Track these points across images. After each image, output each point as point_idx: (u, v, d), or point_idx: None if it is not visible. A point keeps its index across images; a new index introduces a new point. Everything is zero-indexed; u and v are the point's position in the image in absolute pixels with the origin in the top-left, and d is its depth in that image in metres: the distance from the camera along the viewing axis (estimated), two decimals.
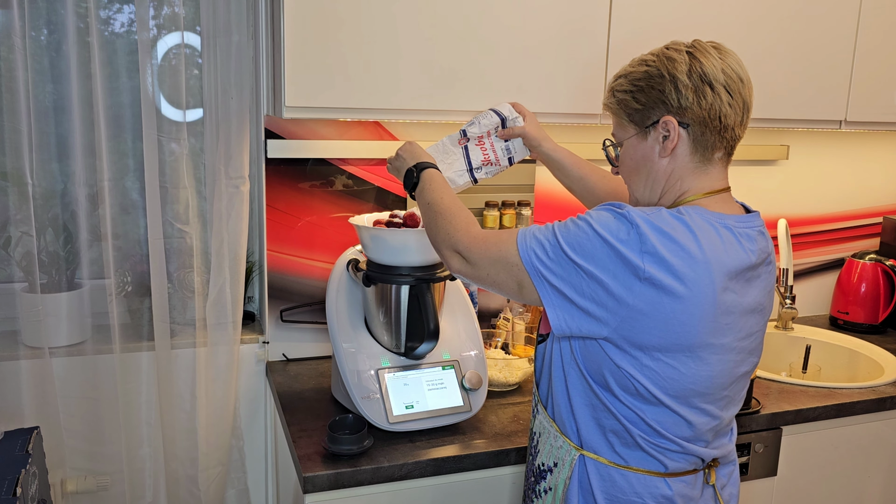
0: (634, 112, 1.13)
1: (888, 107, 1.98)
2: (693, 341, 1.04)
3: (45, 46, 1.68)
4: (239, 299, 1.78)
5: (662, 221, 1.03)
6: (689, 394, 1.08)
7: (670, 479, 1.13)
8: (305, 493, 1.34)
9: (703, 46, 1.10)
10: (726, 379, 1.11)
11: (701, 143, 1.10)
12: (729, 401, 1.15)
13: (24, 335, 1.67)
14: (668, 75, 1.08)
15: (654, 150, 1.12)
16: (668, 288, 1.01)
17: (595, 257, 1.03)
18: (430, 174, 1.32)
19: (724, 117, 1.08)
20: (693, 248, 1.02)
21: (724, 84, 1.07)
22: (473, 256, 1.15)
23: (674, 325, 1.02)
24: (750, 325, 1.11)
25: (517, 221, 1.97)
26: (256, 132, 1.80)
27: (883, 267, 2.25)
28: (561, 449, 1.18)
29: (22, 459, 1.29)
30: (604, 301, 1.03)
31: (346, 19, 1.47)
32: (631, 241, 1.01)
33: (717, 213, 1.09)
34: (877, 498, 1.88)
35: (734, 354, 1.10)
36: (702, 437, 1.14)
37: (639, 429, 1.10)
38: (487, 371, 1.61)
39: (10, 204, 1.60)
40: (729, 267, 1.05)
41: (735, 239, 1.07)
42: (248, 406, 1.88)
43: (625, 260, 1.01)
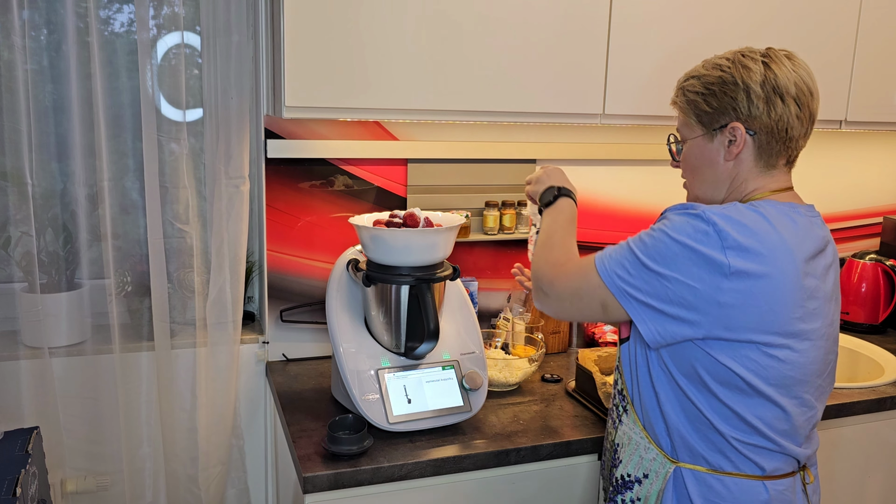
0: (703, 114, 1.16)
1: (888, 107, 1.98)
2: (786, 327, 1.06)
3: (45, 46, 1.68)
4: (239, 299, 1.78)
5: (739, 214, 1.06)
6: (789, 382, 1.09)
7: (768, 482, 1.13)
8: (305, 493, 1.34)
9: (778, 56, 1.14)
10: (820, 366, 1.13)
11: (766, 150, 1.14)
12: (822, 391, 1.17)
13: (23, 335, 1.67)
14: (741, 83, 1.12)
15: (718, 153, 1.16)
16: (755, 276, 1.03)
17: (677, 263, 1.05)
18: (564, 202, 1.33)
19: (790, 129, 1.12)
20: (772, 235, 1.05)
21: (795, 97, 1.11)
22: (557, 290, 1.17)
23: (766, 313, 1.04)
24: (831, 312, 1.15)
25: (517, 221, 1.97)
26: (256, 132, 1.80)
27: (883, 267, 2.25)
28: (654, 461, 1.18)
29: (22, 459, 1.29)
30: (694, 304, 1.05)
31: (346, 19, 1.46)
32: (710, 240, 1.03)
33: (788, 202, 1.14)
34: (877, 498, 1.87)
35: (824, 341, 1.12)
36: (798, 433, 1.14)
37: (735, 428, 1.10)
38: (487, 371, 1.61)
39: (10, 204, 1.60)
40: (807, 251, 1.09)
41: (809, 224, 1.12)
42: (248, 406, 1.88)
43: (708, 260, 1.03)
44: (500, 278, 2.04)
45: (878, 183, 2.45)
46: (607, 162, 2.08)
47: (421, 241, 1.49)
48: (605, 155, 2.06)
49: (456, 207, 1.94)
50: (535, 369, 1.75)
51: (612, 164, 2.08)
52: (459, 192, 1.95)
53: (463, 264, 1.97)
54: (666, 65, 1.71)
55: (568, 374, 1.84)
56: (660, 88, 1.71)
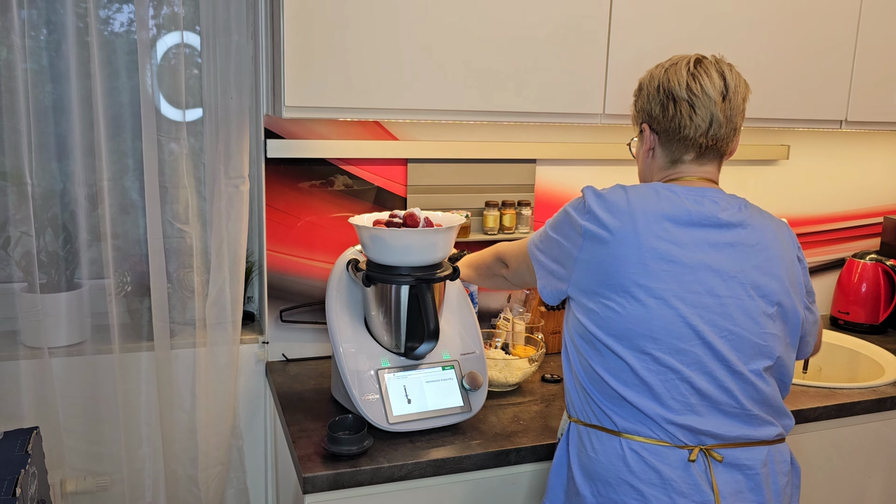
0: (633, 117, 1.35)
1: (888, 107, 1.98)
2: (620, 280, 1.17)
3: (45, 46, 1.68)
4: (239, 299, 1.77)
5: (607, 192, 1.23)
6: (630, 335, 1.16)
7: (624, 440, 1.18)
8: (305, 494, 1.33)
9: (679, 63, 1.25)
10: (680, 329, 1.14)
11: (668, 147, 1.28)
12: (695, 359, 1.14)
13: (23, 335, 1.67)
14: (645, 88, 1.29)
15: (641, 149, 1.33)
16: (598, 236, 1.19)
17: (560, 227, 1.26)
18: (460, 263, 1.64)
19: (683, 128, 1.24)
20: (622, 203, 1.20)
21: (687, 100, 1.22)
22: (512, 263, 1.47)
23: (606, 267, 1.18)
24: (710, 284, 1.16)
25: (517, 221, 1.97)
26: (256, 132, 1.79)
27: (883, 267, 2.25)
28: (564, 421, 1.34)
29: (21, 460, 1.29)
30: (564, 260, 1.24)
31: (345, 19, 1.46)
32: (579, 209, 1.24)
33: (669, 184, 1.24)
34: (877, 498, 1.87)
35: (686, 307, 1.15)
36: (659, 398, 1.15)
37: (592, 381, 1.22)
38: (487, 371, 1.61)
39: (10, 204, 1.60)
40: (662, 219, 1.18)
41: (674, 196, 1.20)
42: (247, 406, 1.88)
43: (574, 223, 1.23)
44: None
45: (878, 183, 2.45)
46: (607, 162, 2.08)
47: (421, 241, 1.48)
48: (605, 155, 2.06)
49: (456, 207, 1.94)
50: (535, 369, 1.75)
51: (612, 164, 2.08)
52: (459, 192, 1.95)
53: None
54: None
55: None
56: None
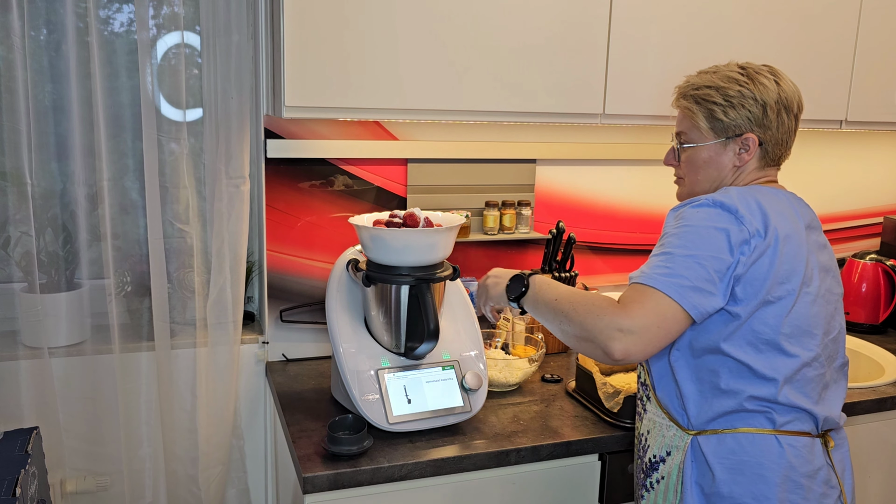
0: (718, 122, 1.26)
1: (888, 107, 1.98)
2: (791, 277, 1.17)
3: (45, 46, 1.68)
4: (239, 299, 1.77)
5: (732, 195, 1.18)
6: (795, 331, 1.18)
7: (781, 437, 1.18)
8: (305, 494, 1.33)
9: (777, 72, 1.27)
10: (825, 325, 1.22)
11: (768, 156, 1.28)
12: (830, 355, 1.24)
13: (23, 335, 1.67)
14: (759, 98, 1.23)
15: (727, 158, 1.27)
16: (765, 238, 1.15)
17: (708, 243, 1.14)
18: (537, 279, 1.33)
19: (789, 140, 1.28)
20: (767, 207, 1.18)
21: (795, 112, 1.27)
22: (637, 324, 1.10)
23: (777, 265, 1.15)
24: (828, 283, 1.25)
25: (517, 221, 1.97)
26: (256, 132, 1.79)
27: (883, 267, 2.24)
28: (675, 437, 1.25)
29: (21, 460, 1.29)
30: (722, 275, 1.13)
31: (345, 19, 1.46)
32: (725, 217, 1.15)
33: (770, 187, 1.28)
34: (877, 498, 1.87)
35: (825, 303, 1.23)
36: (808, 388, 1.20)
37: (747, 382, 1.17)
38: (487, 371, 1.61)
39: (10, 204, 1.60)
40: (798, 221, 1.21)
41: (791, 200, 1.25)
42: (248, 406, 1.88)
43: (732, 232, 1.14)
44: None
45: (878, 183, 2.45)
46: (607, 162, 2.08)
47: (421, 241, 1.48)
48: (605, 155, 2.06)
49: (456, 207, 1.94)
50: (535, 369, 1.75)
51: (612, 164, 2.08)
52: (459, 192, 1.95)
53: (463, 264, 1.96)
54: (666, 65, 1.71)
55: (568, 374, 1.83)
56: (660, 88, 1.71)
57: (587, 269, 2.12)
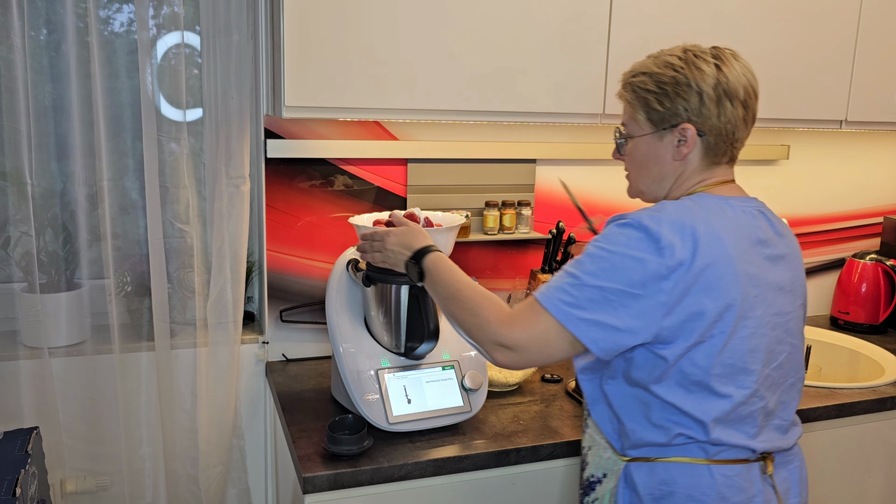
0: (654, 112, 1.16)
1: (888, 107, 1.98)
2: (728, 313, 1.06)
3: (45, 46, 1.68)
4: (239, 299, 1.77)
5: (667, 213, 1.07)
6: (728, 371, 1.09)
7: (713, 466, 1.12)
8: (305, 494, 1.33)
9: (726, 56, 1.14)
10: (765, 356, 1.12)
11: (713, 150, 1.16)
12: (775, 382, 1.15)
13: (23, 335, 1.67)
14: (695, 85, 1.12)
15: (667, 152, 1.17)
16: (691, 269, 1.04)
17: (619, 274, 1.04)
18: (433, 261, 1.28)
19: (736, 131, 1.15)
20: (702, 228, 1.06)
21: (743, 100, 1.13)
22: (521, 341, 1.09)
23: (705, 302, 1.05)
24: (780, 302, 1.14)
25: (517, 221, 1.97)
26: (256, 132, 1.79)
27: (883, 267, 2.24)
28: (609, 460, 1.20)
29: (21, 460, 1.29)
30: (640, 311, 1.05)
31: (345, 19, 1.46)
32: (646, 245, 1.04)
33: (720, 195, 1.15)
34: (877, 498, 1.87)
35: (769, 330, 1.12)
36: (745, 423, 1.13)
37: (676, 420, 1.11)
38: (487, 371, 1.61)
39: (10, 204, 1.60)
40: (740, 240, 1.09)
41: (738, 214, 1.12)
42: (248, 406, 1.88)
43: (648, 264, 1.04)
44: (500, 278, 2.04)
45: (878, 183, 2.45)
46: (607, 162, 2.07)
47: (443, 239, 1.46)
48: (605, 155, 2.05)
49: (456, 207, 1.94)
50: (535, 369, 1.75)
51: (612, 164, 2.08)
52: (459, 192, 1.95)
53: (463, 264, 1.95)
54: None
55: (568, 374, 1.83)
56: None
57: None
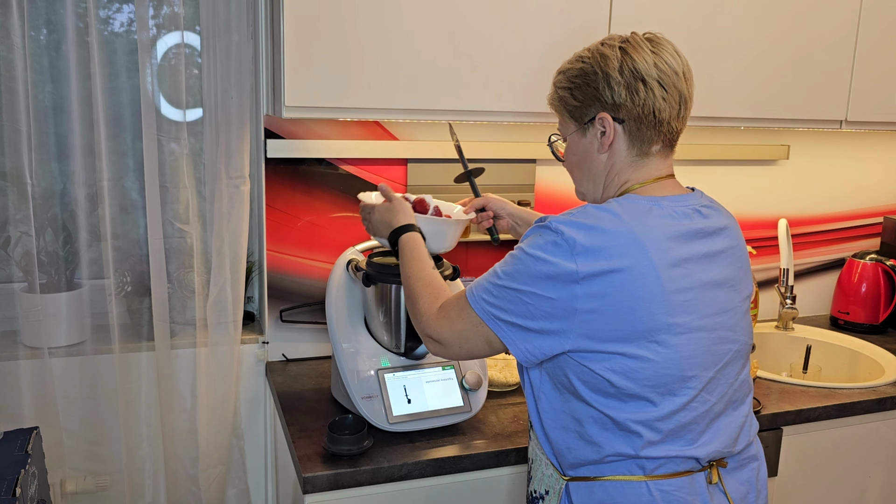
0: (573, 108, 1.15)
1: (888, 107, 1.98)
2: (650, 323, 1.02)
3: (45, 46, 1.68)
4: (239, 299, 1.77)
5: (587, 217, 1.05)
6: (666, 380, 1.04)
7: (651, 482, 1.07)
8: (305, 494, 1.33)
9: (637, 40, 1.11)
10: (705, 358, 1.07)
11: (637, 137, 1.11)
12: (719, 383, 1.10)
13: (23, 335, 1.67)
14: (601, 72, 1.10)
15: (592, 146, 1.14)
16: (607, 277, 1.01)
17: (532, 277, 1.04)
18: (403, 243, 1.31)
19: (658, 112, 1.09)
20: (620, 232, 1.03)
21: (658, 79, 1.08)
22: (444, 336, 1.14)
23: (626, 311, 1.01)
24: (719, 300, 1.09)
25: None
26: (256, 132, 1.79)
27: (883, 267, 2.25)
28: (551, 478, 1.17)
29: (21, 460, 1.29)
30: (555, 315, 1.04)
31: (346, 19, 1.46)
32: (560, 249, 1.03)
33: (649, 196, 1.10)
34: (877, 498, 1.87)
35: (705, 333, 1.07)
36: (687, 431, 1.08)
37: (613, 434, 1.07)
38: (487, 371, 1.61)
39: (10, 204, 1.60)
40: (666, 242, 1.05)
41: (667, 216, 1.08)
42: (248, 406, 1.88)
43: (560, 268, 1.02)
44: None
45: (878, 183, 2.45)
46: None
47: (431, 229, 1.41)
48: None
49: None
50: None
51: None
52: (459, 191, 1.95)
53: (463, 264, 1.96)
54: None
55: None
56: None
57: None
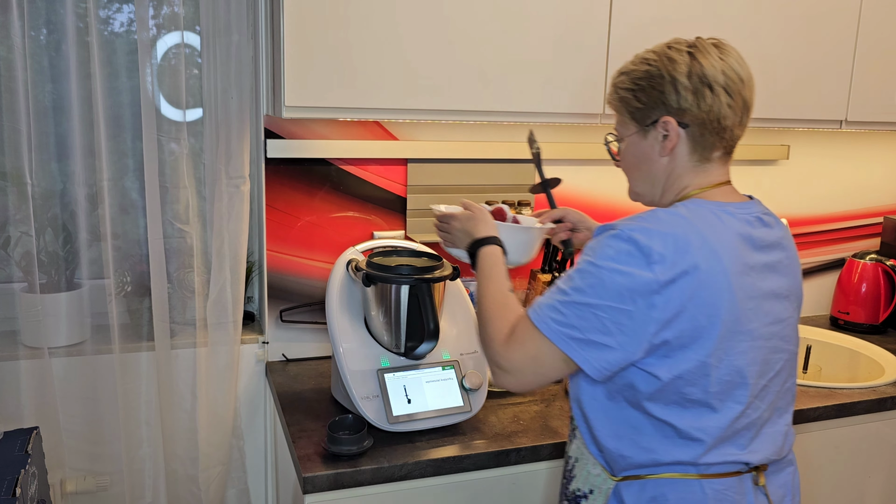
0: (636, 110, 1.14)
1: (888, 107, 1.98)
2: (721, 330, 1.03)
3: (45, 46, 1.68)
4: (239, 299, 1.77)
5: (658, 222, 1.04)
6: (726, 387, 1.06)
7: (704, 481, 1.09)
8: (305, 494, 1.33)
9: (704, 45, 1.11)
10: (760, 367, 1.09)
11: (700, 143, 1.11)
12: (769, 392, 1.12)
13: (23, 335, 1.67)
14: (668, 76, 1.09)
15: (653, 149, 1.14)
16: (684, 285, 1.00)
17: (607, 290, 1.01)
18: (482, 256, 1.26)
19: (723, 119, 1.09)
20: (695, 236, 1.02)
21: (724, 85, 1.08)
22: (516, 364, 1.08)
23: (701, 319, 1.01)
24: (776, 310, 1.11)
25: None
26: (256, 132, 1.79)
27: (883, 267, 2.25)
28: (598, 477, 1.17)
29: (21, 460, 1.29)
30: (633, 328, 1.01)
31: (345, 19, 1.46)
32: (635, 258, 1.01)
33: (715, 201, 1.11)
34: (877, 498, 1.87)
35: (764, 342, 1.09)
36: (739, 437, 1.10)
37: (668, 438, 1.08)
38: (487, 371, 1.61)
39: (10, 204, 1.60)
40: (736, 250, 1.05)
41: (735, 223, 1.08)
42: (248, 406, 1.88)
43: (638, 279, 1.00)
44: None
45: (878, 183, 2.45)
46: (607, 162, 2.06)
47: (513, 238, 1.35)
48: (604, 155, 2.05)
49: None
50: None
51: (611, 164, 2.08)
52: (459, 191, 1.95)
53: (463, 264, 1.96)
54: None
55: None
56: None
57: None
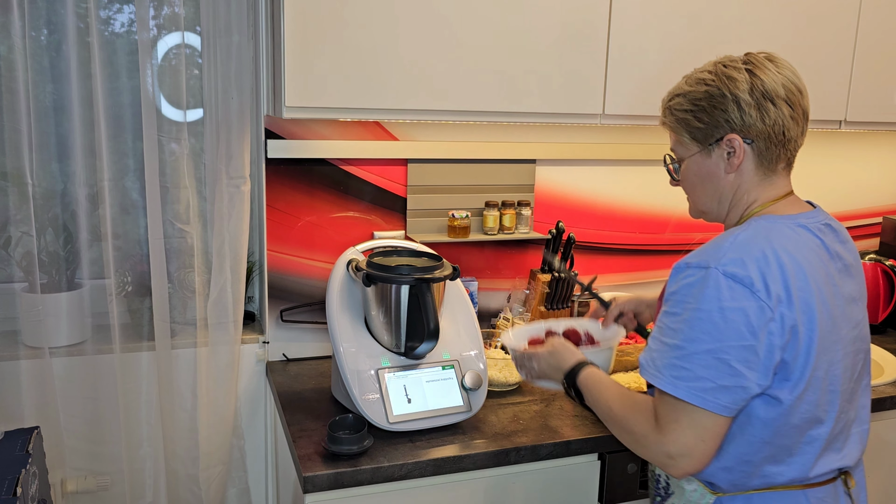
0: (696, 130, 1.15)
1: (888, 107, 1.98)
2: (824, 342, 1.06)
3: (45, 46, 1.68)
4: (240, 299, 1.78)
5: (745, 250, 1.04)
6: (830, 396, 1.10)
7: (809, 491, 1.11)
8: (305, 493, 1.34)
9: (759, 60, 1.14)
10: (849, 372, 1.13)
11: (766, 156, 1.13)
12: (853, 393, 1.16)
13: (24, 335, 1.67)
14: (730, 94, 1.11)
15: (719, 167, 1.15)
16: (790, 306, 1.02)
17: (726, 331, 1.01)
18: (583, 383, 1.23)
19: (787, 131, 1.12)
20: (784, 256, 1.04)
21: (785, 98, 1.11)
22: (688, 442, 1.04)
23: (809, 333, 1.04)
24: (853, 312, 1.14)
25: (517, 221, 1.97)
26: (256, 132, 1.80)
27: (883, 267, 2.25)
28: (695, 493, 1.17)
29: (22, 459, 1.29)
30: (757, 361, 1.02)
31: (345, 19, 1.47)
32: (739, 292, 1.01)
33: (786, 215, 1.13)
34: (877, 498, 1.87)
35: (849, 345, 1.13)
36: (835, 441, 1.13)
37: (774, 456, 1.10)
38: (487, 371, 1.61)
39: (10, 204, 1.60)
40: (819, 263, 1.09)
41: (811, 234, 1.12)
42: (248, 406, 1.88)
43: (750, 312, 1.01)
44: (499, 278, 2.04)
45: (878, 183, 2.45)
46: (607, 162, 2.08)
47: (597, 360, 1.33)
48: (605, 155, 2.06)
49: (456, 207, 1.94)
50: None
51: (612, 164, 2.09)
52: (459, 192, 1.95)
53: (463, 264, 1.97)
54: (666, 65, 1.71)
55: None
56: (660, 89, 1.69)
57: (587, 269, 2.12)
